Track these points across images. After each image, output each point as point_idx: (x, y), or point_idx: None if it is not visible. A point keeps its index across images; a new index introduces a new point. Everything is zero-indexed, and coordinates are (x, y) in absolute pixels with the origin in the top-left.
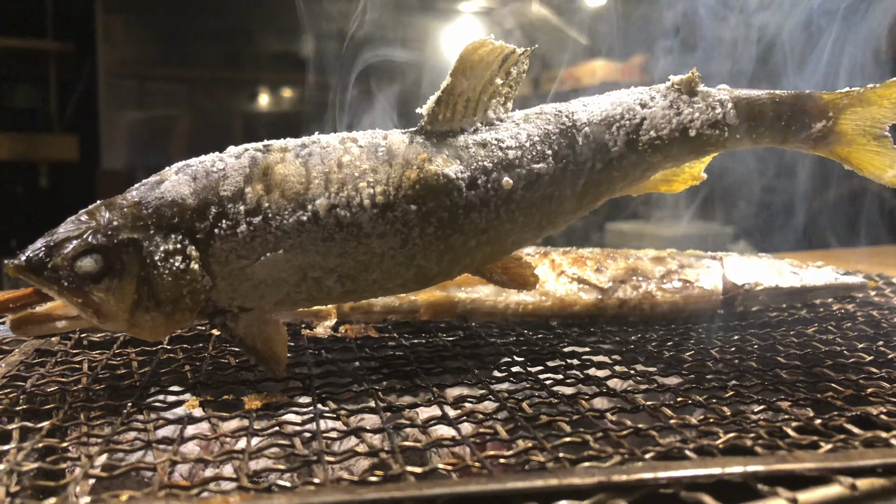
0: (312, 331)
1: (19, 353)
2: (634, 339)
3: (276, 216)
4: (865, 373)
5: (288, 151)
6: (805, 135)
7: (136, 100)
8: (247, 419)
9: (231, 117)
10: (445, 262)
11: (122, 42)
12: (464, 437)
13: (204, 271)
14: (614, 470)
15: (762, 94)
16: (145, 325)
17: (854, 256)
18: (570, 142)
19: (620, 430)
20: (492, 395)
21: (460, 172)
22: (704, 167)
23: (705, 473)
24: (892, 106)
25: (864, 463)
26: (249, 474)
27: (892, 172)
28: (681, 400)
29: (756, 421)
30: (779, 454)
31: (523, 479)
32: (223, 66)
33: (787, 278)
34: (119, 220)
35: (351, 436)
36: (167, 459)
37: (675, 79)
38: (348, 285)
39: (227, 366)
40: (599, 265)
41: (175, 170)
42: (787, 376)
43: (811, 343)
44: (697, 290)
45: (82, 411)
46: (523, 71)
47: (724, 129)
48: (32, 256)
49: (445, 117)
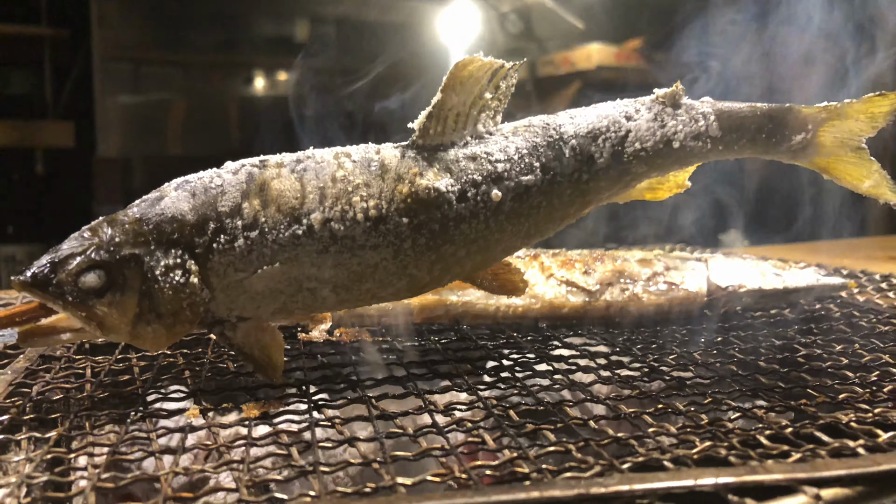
0: (308, 334)
1: (24, 359)
2: (620, 342)
3: (273, 230)
4: (840, 377)
5: (283, 167)
6: (785, 146)
7: (131, 85)
8: (245, 428)
9: (227, 101)
10: (436, 271)
11: (117, 27)
12: (452, 448)
13: (203, 284)
14: (593, 482)
15: (744, 106)
16: (147, 337)
17: (839, 249)
18: (557, 154)
19: (602, 440)
20: (480, 401)
21: (450, 186)
22: (689, 176)
23: (679, 485)
24: (868, 120)
25: (829, 474)
26: (248, 485)
27: (869, 182)
28: (661, 407)
29: (732, 429)
30: (749, 465)
31: (506, 493)
32: (219, 50)
33: (770, 280)
34: (121, 236)
35: (345, 444)
36: (170, 471)
37: (659, 92)
38: (343, 295)
39: (225, 371)
40: (588, 267)
41: (174, 186)
42: (765, 381)
43: (791, 346)
44: (682, 293)
45: (87, 420)
46: (512, 85)
47: (706, 141)
48: (38, 273)
49: (436, 131)
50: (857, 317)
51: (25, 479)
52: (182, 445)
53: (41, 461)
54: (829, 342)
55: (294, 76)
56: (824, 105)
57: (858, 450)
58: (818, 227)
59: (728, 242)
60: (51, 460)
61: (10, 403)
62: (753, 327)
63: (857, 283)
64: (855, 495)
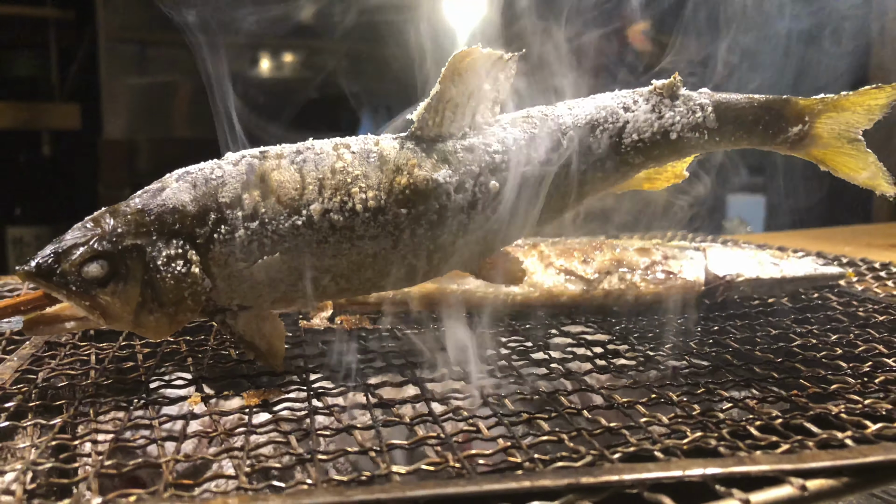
0: (309, 322)
1: (30, 346)
2: (618, 331)
3: (273, 221)
4: (833, 367)
5: (283, 158)
6: (782, 138)
7: (137, 67)
8: (245, 416)
9: (232, 82)
10: (435, 261)
11: (123, 8)
12: (448, 437)
13: (204, 274)
14: (583, 472)
15: (741, 98)
16: (150, 326)
17: (841, 236)
18: (555, 145)
19: (594, 430)
20: (477, 390)
21: (449, 177)
22: (686, 166)
23: (667, 475)
24: (864, 112)
25: (815, 465)
26: (248, 473)
27: (865, 174)
28: (654, 397)
29: (723, 420)
30: (738, 456)
31: (498, 482)
32: (224, 32)
33: (768, 269)
34: (123, 226)
35: (343, 433)
36: (171, 459)
37: (657, 83)
38: (342, 284)
39: (227, 358)
40: (586, 256)
41: (176, 177)
42: (760, 370)
43: (787, 335)
44: (680, 282)
45: (91, 406)
46: (511, 76)
47: (703, 132)
48: (42, 263)
49: (435, 123)
50: (854, 306)
51: (31, 465)
52: (184, 433)
53: (46, 447)
54: (824, 332)
55: (299, 58)
56: (821, 97)
57: (846, 441)
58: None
59: (730, 229)
60: (56, 447)
61: (17, 390)
62: (750, 316)
63: (856, 272)
64: (841, 486)
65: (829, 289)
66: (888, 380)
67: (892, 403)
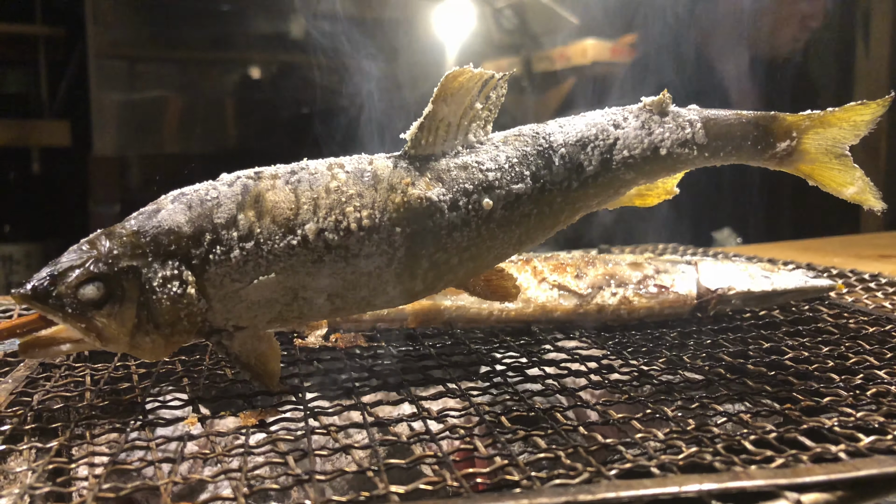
0: (304, 340)
1: (24, 368)
2: (611, 345)
3: (268, 241)
4: (826, 380)
5: (278, 178)
6: (770, 153)
7: (127, 83)
8: (242, 436)
9: (223, 98)
10: (430, 278)
11: (112, 25)
12: (444, 455)
13: (200, 295)
14: (580, 489)
15: (729, 114)
16: (146, 347)
17: (830, 247)
18: (546, 162)
19: (591, 446)
20: (473, 408)
21: (442, 195)
22: (677, 182)
23: (664, 492)
24: (850, 128)
25: (810, 479)
26: (246, 494)
27: (852, 189)
28: (649, 412)
29: (718, 434)
30: (733, 471)
31: (496, 500)
32: (214, 47)
33: (759, 282)
34: (119, 248)
35: (341, 452)
36: (169, 481)
37: (646, 100)
38: (337, 303)
39: (223, 378)
40: (579, 271)
41: (171, 198)
42: (753, 384)
43: (779, 348)
44: (672, 296)
45: (87, 429)
46: (502, 95)
47: (693, 148)
48: (38, 285)
49: (428, 142)
50: (845, 318)
51: (28, 490)
52: (181, 454)
53: (43, 471)
54: (816, 344)
55: (289, 74)
56: (808, 113)
57: (840, 454)
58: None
59: (721, 240)
60: (52, 470)
61: (12, 413)
62: (742, 329)
63: (846, 284)
64: (835, 500)
65: (819, 301)
66: (880, 392)
67: (884, 416)
